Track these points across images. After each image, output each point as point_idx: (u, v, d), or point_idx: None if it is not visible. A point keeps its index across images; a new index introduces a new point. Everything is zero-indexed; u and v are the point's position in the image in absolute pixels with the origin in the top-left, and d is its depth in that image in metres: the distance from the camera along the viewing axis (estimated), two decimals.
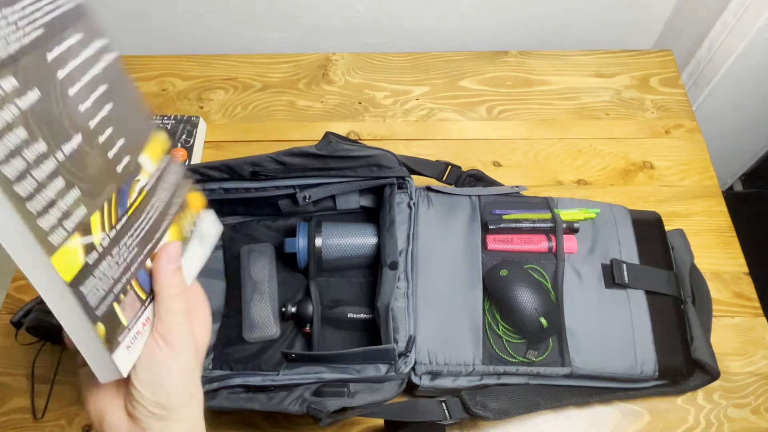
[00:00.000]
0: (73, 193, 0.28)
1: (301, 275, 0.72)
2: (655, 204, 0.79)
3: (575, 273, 0.65)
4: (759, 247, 0.95)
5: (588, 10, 1.00)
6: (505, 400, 0.60)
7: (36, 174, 0.26)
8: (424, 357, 0.60)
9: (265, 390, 0.58)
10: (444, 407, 0.60)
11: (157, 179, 0.37)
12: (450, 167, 0.74)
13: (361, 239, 0.69)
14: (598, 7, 1.00)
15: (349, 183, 0.67)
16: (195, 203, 0.42)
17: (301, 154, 0.64)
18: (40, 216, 0.26)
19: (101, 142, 0.31)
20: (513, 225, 0.66)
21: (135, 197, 0.34)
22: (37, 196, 0.26)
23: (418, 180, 0.71)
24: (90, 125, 0.30)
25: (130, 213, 0.33)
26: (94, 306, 0.30)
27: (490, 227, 0.67)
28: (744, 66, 0.95)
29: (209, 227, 0.44)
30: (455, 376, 0.61)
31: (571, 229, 0.67)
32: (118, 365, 0.31)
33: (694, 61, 1.03)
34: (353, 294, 0.70)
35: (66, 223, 0.28)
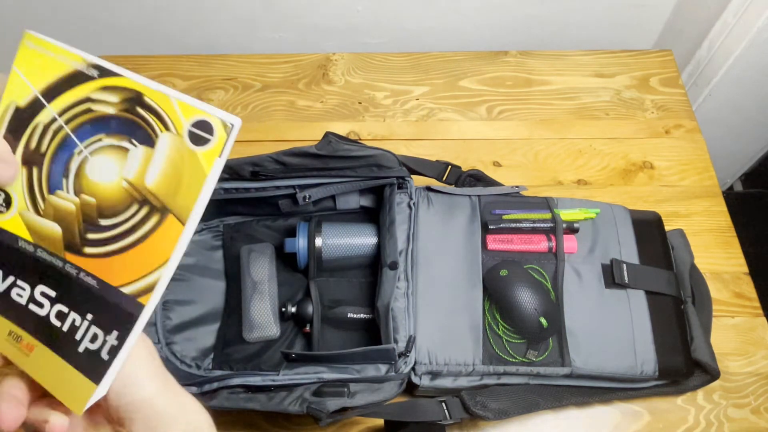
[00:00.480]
0: None
1: (301, 275, 0.72)
2: (655, 204, 0.79)
3: (575, 273, 0.65)
4: (759, 247, 0.95)
5: (588, 10, 1.00)
6: (505, 400, 0.60)
7: None
8: (424, 357, 0.60)
9: (265, 390, 0.58)
10: (444, 407, 0.60)
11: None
12: (450, 167, 0.74)
13: (361, 239, 0.69)
14: (598, 7, 1.00)
15: (349, 183, 0.67)
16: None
17: (301, 154, 0.64)
18: None
19: None
20: (513, 225, 0.66)
21: None
22: None
23: (418, 180, 0.71)
24: None
25: None
26: None
27: (490, 227, 0.67)
28: (744, 66, 0.95)
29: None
30: (455, 376, 0.61)
31: (571, 229, 0.67)
32: None
33: (694, 61, 1.03)
34: (353, 294, 0.70)
35: None
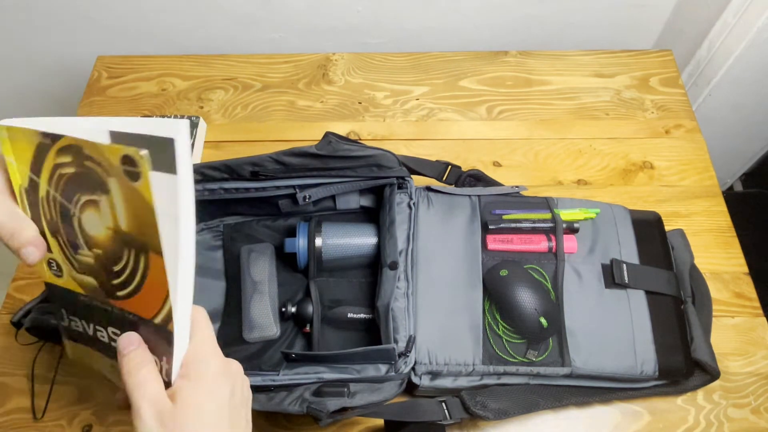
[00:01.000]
0: None
1: (301, 275, 0.72)
2: (655, 204, 0.79)
3: (575, 273, 0.65)
4: (759, 247, 0.95)
5: (588, 10, 1.00)
6: (505, 400, 0.60)
7: None
8: (424, 357, 0.60)
9: (265, 390, 0.58)
10: (444, 407, 0.60)
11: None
12: (450, 167, 0.74)
13: (361, 239, 0.69)
14: (598, 7, 1.00)
15: (349, 183, 0.67)
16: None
17: (301, 154, 0.64)
18: None
19: None
20: (513, 225, 0.66)
21: None
22: None
23: (418, 180, 0.71)
24: None
25: None
26: None
27: (490, 227, 0.67)
28: (744, 66, 0.95)
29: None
30: (455, 376, 0.61)
31: (571, 229, 0.67)
32: None
33: (694, 61, 1.03)
34: (353, 294, 0.70)
35: None
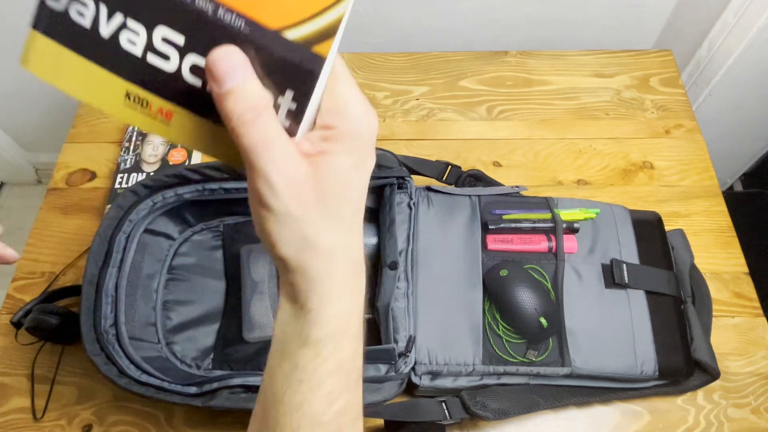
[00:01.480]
0: None
1: None
2: (655, 204, 0.79)
3: (575, 273, 0.65)
4: (759, 247, 0.95)
5: (588, 10, 1.00)
6: (505, 400, 0.60)
7: None
8: (424, 357, 0.60)
9: None
10: (444, 407, 0.60)
11: None
12: (450, 167, 0.74)
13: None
14: (598, 7, 1.00)
15: None
16: None
17: None
18: None
19: None
20: (513, 225, 0.66)
21: None
22: None
23: (418, 180, 0.71)
24: None
25: None
26: None
27: (490, 227, 0.67)
28: (744, 66, 0.95)
29: None
30: (455, 376, 0.61)
31: (571, 229, 0.67)
32: None
33: (694, 61, 1.03)
34: None
35: None
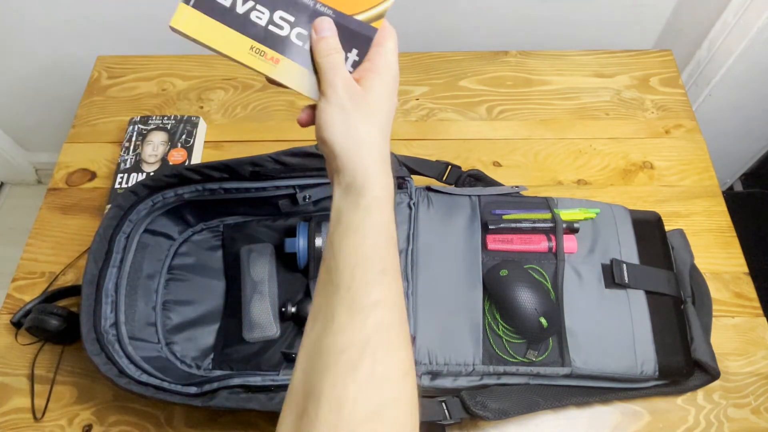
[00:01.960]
0: None
1: (301, 275, 0.72)
2: (655, 204, 0.79)
3: (575, 273, 0.65)
4: (759, 247, 0.95)
5: (588, 10, 1.00)
6: (505, 400, 0.60)
7: None
8: (424, 357, 0.60)
9: (265, 390, 0.58)
10: (444, 407, 0.60)
11: None
12: (450, 167, 0.74)
13: None
14: (598, 7, 1.00)
15: None
16: None
17: (301, 154, 0.64)
18: None
19: None
20: (513, 225, 0.66)
21: None
22: None
23: (418, 180, 0.71)
24: None
25: None
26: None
27: (490, 227, 0.67)
28: (744, 66, 0.95)
29: None
30: (455, 376, 0.61)
31: (571, 229, 0.67)
32: None
33: (694, 61, 1.03)
34: None
35: None
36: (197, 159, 0.84)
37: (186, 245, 0.73)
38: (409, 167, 0.70)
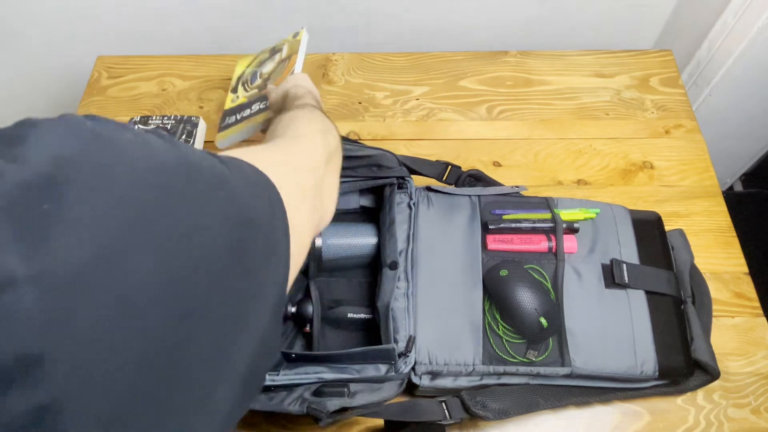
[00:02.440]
0: None
1: (301, 275, 0.72)
2: (655, 204, 0.79)
3: (575, 273, 0.65)
4: (759, 247, 0.95)
5: (588, 10, 1.00)
6: (505, 400, 0.60)
7: None
8: (424, 357, 0.60)
9: (265, 390, 0.58)
10: (444, 407, 0.60)
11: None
12: (450, 167, 0.74)
13: (361, 239, 0.69)
14: (598, 7, 1.00)
15: (349, 183, 0.67)
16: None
17: None
18: None
19: None
20: (513, 225, 0.66)
21: None
22: None
23: (418, 180, 0.71)
24: None
25: None
26: None
27: (490, 227, 0.67)
28: (744, 66, 0.96)
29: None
30: (455, 376, 0.61)
31: (571, 229, 0.67)
32: None
33: (694, 61, 1.03)
34: (353, 294, 0.70)
35: None
36: None
37: None
38: (409, 167, 0.70)
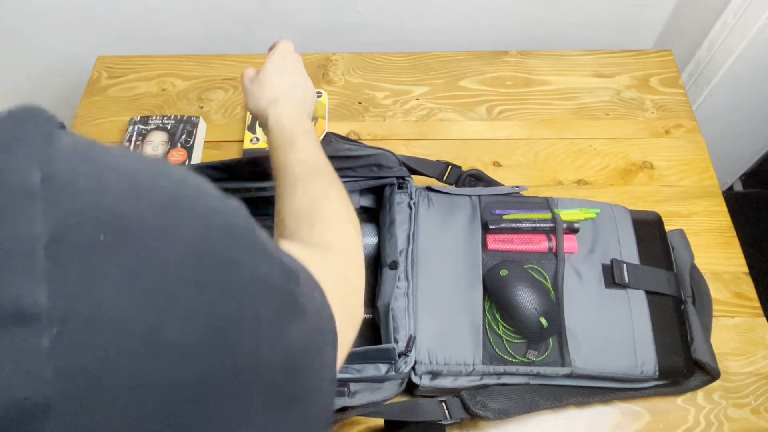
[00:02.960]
0: None
1: None
2: (655, 204, 0.79)
3: (575, 273, 0.65)
4: (759, 247, 0.95)
5: (588, 10, 1.00)
6: (505, 400, 0.60)
7: None
8: (424, 357, 0.60)
9: None
10: (444, 407, 0.60)
11: None
12: (450, 167, 0.74)
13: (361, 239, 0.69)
14: (598, 7, 1.00)
15: (349, 183, 0.67)
16: None
17: None
18: None
19: None
20: (513, 225, 0.66)
21: None
22: None
23: (418, 180, 0.71)
24: None
25: None
26: None
27: (490, 227, 0.67)
28: (744, 66, 0.96)
29: None
30: (455, 375, 0.61)
31: (572, 229, 0.67)
32: None
33: (694, 61, 1.03)
34: None
35: None
36: (197, 159, 0.84)
37: None
38: (409, 167, 0.70)
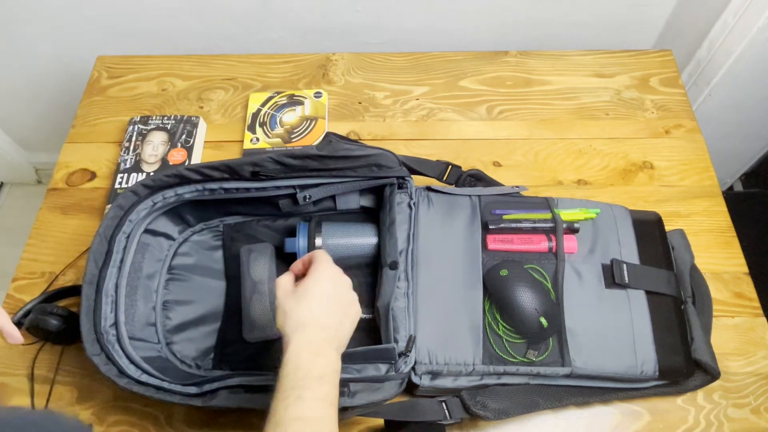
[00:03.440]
0: None
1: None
2: (655, 204, 0.79)
3: (575, 273, 0.65)
4: (759, 247, 0.95)
5: (588, 10, 1.00)
6: (505, 400, 0.60)
7: None
8: (424, 357, 0.60)
9: (265, 390, 0.58)
10: (444, 407, 0.60)
11: None
12: (450, 167, 0.74)
13: (362, 239, 0.69)
14: (598, 7, 1.00)
15: (350, 183, 0.67)
16: None
17: (302, 155, 0.64)
18: None
19: None
20: (513, 225, 0.67)
21: None
22: None
23: (418, 180, 0.71)
24: None
25: None
26: None
27: (490, 227, 0.67)
28: (744, 66, 0.96)
29: None
30: (455, 375, 0.61)
31: (572, 229, 0.68)
32: None
33: (694, 61, 1.03)
34: None
35: None
36: (197, 159, 0.84)
37: (186, 245, 0.73)
38: (409, 167, 0.70)
